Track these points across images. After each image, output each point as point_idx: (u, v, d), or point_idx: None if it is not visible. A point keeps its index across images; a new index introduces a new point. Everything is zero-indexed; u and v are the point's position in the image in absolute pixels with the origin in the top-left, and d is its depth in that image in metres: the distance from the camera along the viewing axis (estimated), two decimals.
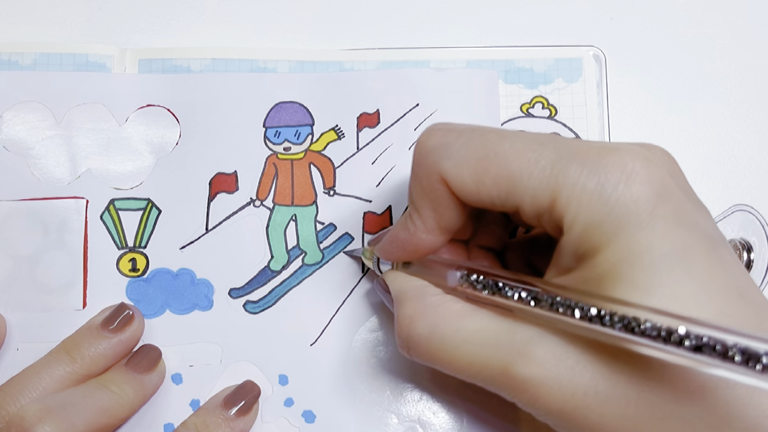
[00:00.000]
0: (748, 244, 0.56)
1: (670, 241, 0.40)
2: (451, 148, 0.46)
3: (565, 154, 0.42)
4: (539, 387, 0.42)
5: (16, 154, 0.59)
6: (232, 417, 0.54)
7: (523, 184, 0.43)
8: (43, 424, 0.48)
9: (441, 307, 0.47)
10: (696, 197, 0.45)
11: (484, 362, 0.44)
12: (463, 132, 0.46)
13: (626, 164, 0.41)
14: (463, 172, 0.45)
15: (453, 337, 0.46)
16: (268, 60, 0.62)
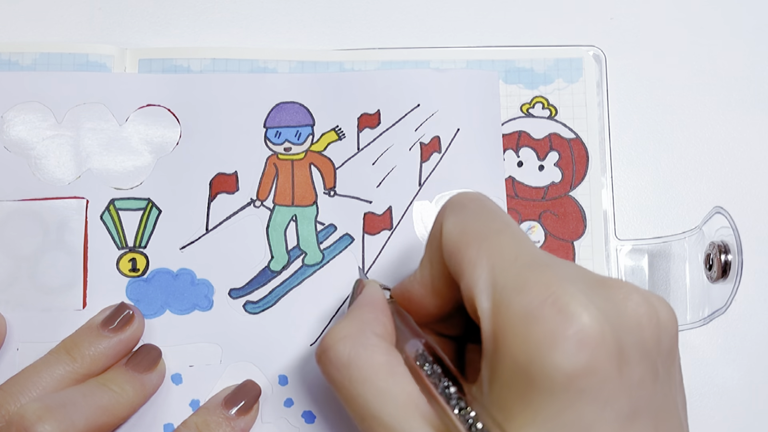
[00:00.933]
0: (726, 246, 0.56)
1: (576, 415, 0.38)
2: (464, 210, 0.46)
3: (524, 283, 0.41)
4: None
5: (17, 155, 0.59)
6: (232, 416, 0.54)
7: (474, 282, 0.43)
8: (43, 423, 0.48)
9: (370, 350, 0.46)
10: (653, 364, 0.42)
11: (376, 416, 0.44)
12: (484, 206, 0.47)
13: (565, 323, 0.39)
14: (454, 231, 0.45)
15: (360, 386, 0.45)
16: (268, 60, 0.62)
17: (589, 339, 0.38)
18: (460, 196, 0.48)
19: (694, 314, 0.59)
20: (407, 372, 0.46)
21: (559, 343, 0.38)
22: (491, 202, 0.48)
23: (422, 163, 0.60)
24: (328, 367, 0.47)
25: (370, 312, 0.49)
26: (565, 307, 0.39)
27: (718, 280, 0.56)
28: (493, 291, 0.41)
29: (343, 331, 0.47)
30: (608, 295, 0.41)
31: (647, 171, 0.63)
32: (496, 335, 0.41)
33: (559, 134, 0.62)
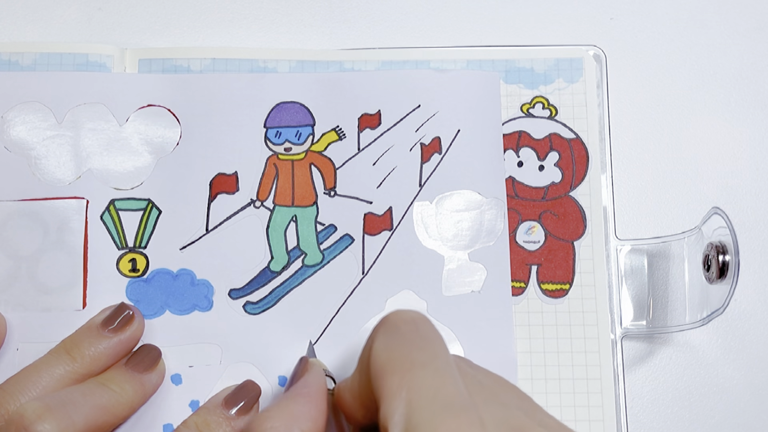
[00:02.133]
0: (723, 246, 0.56)
1: None
2: (394, 333, 0.44)
3: (423, 427, 0.39)
4: None
5: (17, 155, 0.59)
6: (232, 416, 0.53)
7: (392, 420, 0.41)
8: (42, 422, 0.48)
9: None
10: None
11: None
12: (417, 332, 0.45)
13: None
14: (377, 356, 0.44)
15: None
16: (268, 60, 0.62)
17: None
18: (395, 315, 0.46)
19: (693, 315, 0.59)
20: None
21: None
22: (427, 327, 0.46)
23: (422, 164, 0.60)
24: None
25: (304, 405, 0.48)
26: None
27: (716, 281, 0.56)
28: (405, 429, 0.40)
29: (269, 422, 0.46)
30: None
31: (647, 171, 0.63)
32: None
33: (559, 134, 0.62)
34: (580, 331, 0.59)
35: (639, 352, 0.60)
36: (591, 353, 0.58)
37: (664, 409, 0.59)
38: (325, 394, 0.50)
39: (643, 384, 0.60)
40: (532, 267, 0.60)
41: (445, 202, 0.60)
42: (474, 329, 0.58)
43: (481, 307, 0.58)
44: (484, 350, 0.58)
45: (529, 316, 0.59)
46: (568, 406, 0.57)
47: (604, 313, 0.59)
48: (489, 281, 0.59)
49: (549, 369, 0.58)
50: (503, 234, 0.60)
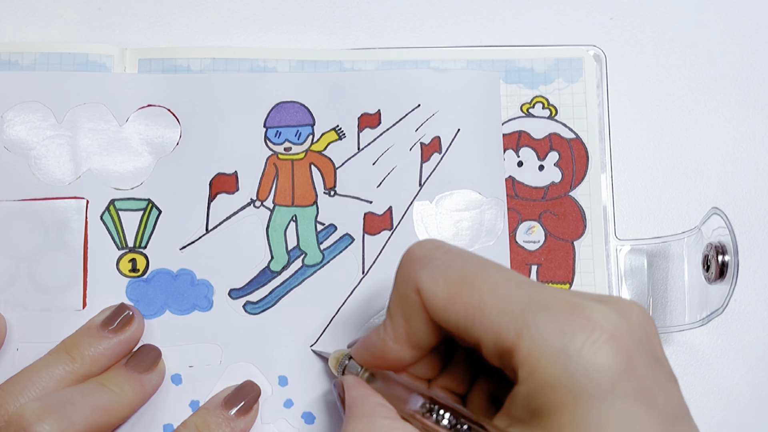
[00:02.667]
0: (723, 246, 0.56)
1: (627, 419, 0.39)
2: (434, 262, 0.46)
3: (537, 303, 0.42)
4: None
5: (17, 155, 0.59)
6: (232, 417, 0.53)
7: (490, 319, 0.42)
8: (42, 423, 0.48)
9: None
10: (665, 365, 0.43)
11: None
12: (450, 251, 0.46)
13: (594, 329, 0.40)
14: (437, 287, 0.45)
15: None
16: (268, 59, 0.62)
17: (622, 343, 0.40)
18: (420, 248, 0.47)
19: (692, 315, 0.59)
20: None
21: (596, 349, 0.39)
22: (452, 245, 0.47)
23: (422, 164, 0.60)
24: None
25: (364, 408, 0.48)
26: (591, 317, 0.40)
27: (716, 281, 0.56)
28: (513, 320, 0.42)
29: (356, 430, 0.47)
30: (615, 307, 0.42)
31: (647, 171, 0.63)
32: (532, 360, 0.41)
33: (559, 134, 0.62)
34: None
35: None
36: None
37: None
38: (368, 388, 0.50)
39: None
40: (532, 267, 0.60)
41: (445, 201, 0.60)
42: None
43: None
44: None
45: None
46: None
47: None
48: None
49: None
50: (503, 234, 0.60)
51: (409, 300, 0.46)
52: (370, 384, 0.50)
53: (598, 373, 0.39)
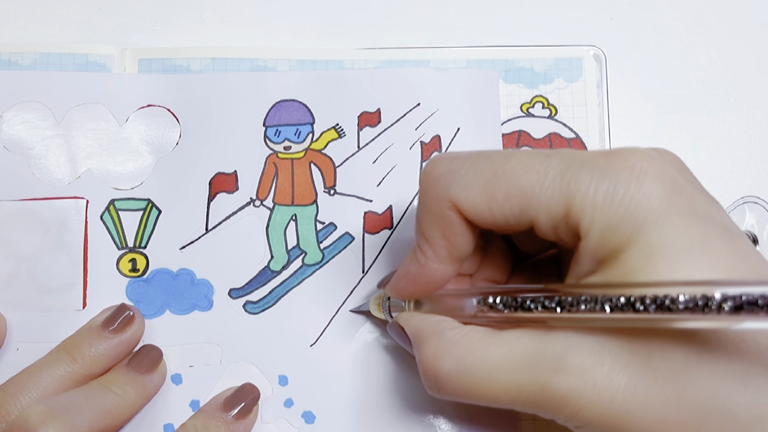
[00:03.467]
0: (754, 235, 0.56)
1: (689, 234, 0.40)
2: (459, 173, 0.46)
3: (573, 162, 0.43)
4: (578, 399, 0.42)
5: (17, 154, 0.59)
6: (231, 420, 0.53)
7: (536, 197, 0.43)
8: (46, 427, 0.48)
9: (463, 339, 0.46)
10: (706, 191, 0.45)
11: (519, 386, 0.44)
12: (469, 157, 0.46)
13: (634, 164, 0.41)
14: (473, 194, 0.45)
15: (482, 368, 0.45)
16: (268, 59, 0.62)
17: (662, 170, 0.42)
18: (438, 166, 0.47)
19: None
20: (504, 333, 0.46)
21: (641, 180, 0.41)
22: (464, 152, 0.48)
23: (422, 162, 0.60)
24: (448, 388, 0.47)
25: (430, 326, 0.49)
26: (627, 157, 0.42)
27: None
28: (555, 188, 0.43)
29: (430, 354, 0.47)
30: (644, 150, 0.44)
31: None
32: (585, 212, 0.42)
33: (559, 134, 0.62)
34: None
35: None
36: None
37: None
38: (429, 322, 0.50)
39: None
40: None
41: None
42: None
43: None
44: None
45: None
46: None
47: None
48: None
49: None
50: None
51: (446, 218, 0.46)
52: (420, 310, 0.50)
53: (649, 200, 0.41)
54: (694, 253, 0.40)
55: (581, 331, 0.43)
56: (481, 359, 0.45)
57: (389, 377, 0.57)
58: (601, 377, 0.41)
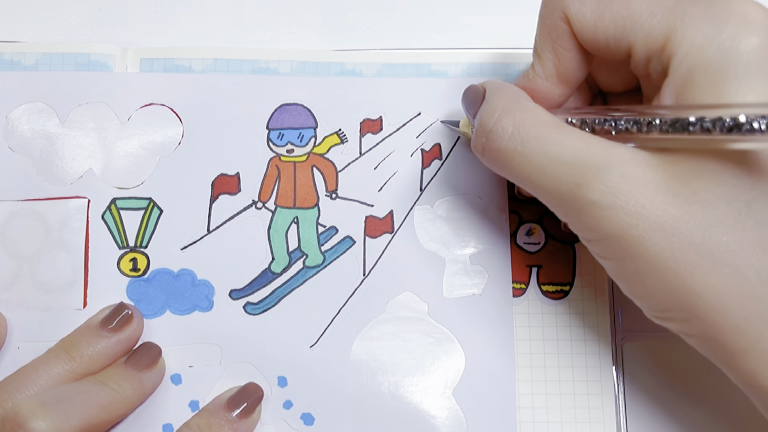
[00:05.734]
0: None
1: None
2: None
3: (681, 6, 0.43)
4: (605, 211, 0.44)
5: (21, 155, 0.60)
6: (234, 418, 0.54)
7: (641, 22, 0.44)
8: (36, 419, 0.48)
9: (532, 111, 0.48)
10: None
11: (555, 175, 0.46)
12: None
13: (748, 16, 0.41)
14: (585, 7, 0.47)
15: (534, 142, 0.46)
16: (269, 60, 0.62)
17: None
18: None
19: None
20: (573, 127, 0.47)
21: (748, 33, 0.41)
22: None
23: (423, 169, 0.60)
24: (495, 143, 0.48)
25: (512, 89, 0.51)
26: (744, 8, 0.42)
27: None
28: (667, 13, 0.44)
29: (498, 107, 0.49)
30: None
31: None
32: (682, 46, 0.43)
33: None
34: (581, 332, 0.59)
35: (639, 353, 0.60)
36: (591, 354, 0.58)
37: (664, 409, 0.59)
38: (515, 89, 0.52)
39: (643, 384, 0.60)
40: (533, 268, 0.60)
41: (445, 206, 0.60)
42: (474, 332, 0.58)
43: (481, 309, 0.59)
44: (485, 352, 0.58)
45: (529, 317, 0.59)
46: (568, 408, 0.58)
47: (605, 315, 0.59)
48: (490, 284, 0.59)
49: (549, 370, 0.58)
50: (504, 237, 0.60)
51: (557, 30, 0.48)
52: None
53: (749, 54, 0.41)
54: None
55: (640, 151, 0.45)
56: (536, 135, 0.46)
57: (389, 380, 0.57)
58: (635, 203, 0.43)
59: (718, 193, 0.42)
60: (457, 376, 0.57)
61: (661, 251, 0.43)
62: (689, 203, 0.42)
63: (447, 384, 0.57)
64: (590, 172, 0.44)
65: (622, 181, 0.43)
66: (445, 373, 0.57)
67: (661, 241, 0.43)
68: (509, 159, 0.47)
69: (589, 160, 0.44)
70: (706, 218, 0.42)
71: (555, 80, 0.50)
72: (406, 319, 0.58)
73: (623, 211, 0.43)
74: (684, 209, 0.42)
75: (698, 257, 0.42)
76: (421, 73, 0.63)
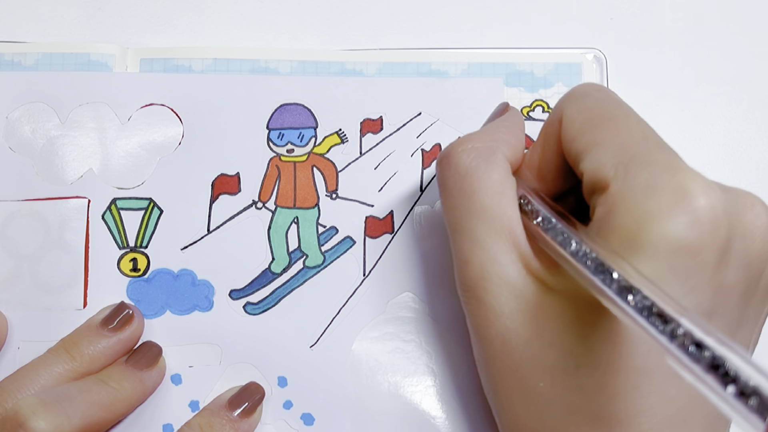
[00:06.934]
0: None
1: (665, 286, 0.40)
2: (585, 99, 0.48)
3: (649, 157, 0.43)
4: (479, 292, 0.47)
5: (22, 155, 0.60)
6: (236, 418, 0.54)
7: (598, 156, 0.44)
8: (37, 418, 0.48)
9: (493, 167, 0.48)
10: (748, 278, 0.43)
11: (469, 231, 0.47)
12: (606, 96, 0.49)
13: (685, 197, 0.40)
14: (576, 119, 0.47)
15: (470, 196, 0.48)
16: (269, 60, 0.62)
17: (702, 222, 0.40)
18: (583, 86, 0.50)
19: None
20: (515, 199, 0.48)
21: (673, 216, 0.40)
22: (614, 92, 0.49)
23: (423, 170, 0.60)
24: (444, 172, 0.49)
25: (506, 134, 0.51)
26: (688, 187, 0.40)
27: None
28: (618, 162, 0.43)
29: (473, 143, 0.49)
30: (732, 195, 0.43)
31: None
32: (612, 201, 0.42)
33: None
34: None
35: None
36: None
37: None
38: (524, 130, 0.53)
39: None
40: None
41: None
42: None
43: None
44: None
45: None
46: None
47: None
48: None
49: None
50: None
51: (552, 127, 0.49)
52: None
53: (661, 240, 0.40)
54: None
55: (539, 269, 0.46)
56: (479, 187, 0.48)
57: (389, 380, 0.57)
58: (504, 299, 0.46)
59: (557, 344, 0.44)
60: (457, 376, 0.57)
61: (501, 363, 0.45)
62: (535, 338, 0.44)
63: (447, 384, 0.57)
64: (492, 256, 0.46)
65: (500, 282, 0.46)
66: (445, 374, 0.57)
67: (504, 356, 0.45)
68: (444, 194, 0.49)
69: (501, 238, 0.46)
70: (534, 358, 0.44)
71: (535, 174, 0.51)
72: (406, 320, 0.58)
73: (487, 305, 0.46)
74: (525, 340, 0.44)
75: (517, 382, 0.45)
76: (422, 73, 0.63)
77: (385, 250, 0.59)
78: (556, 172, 0.50)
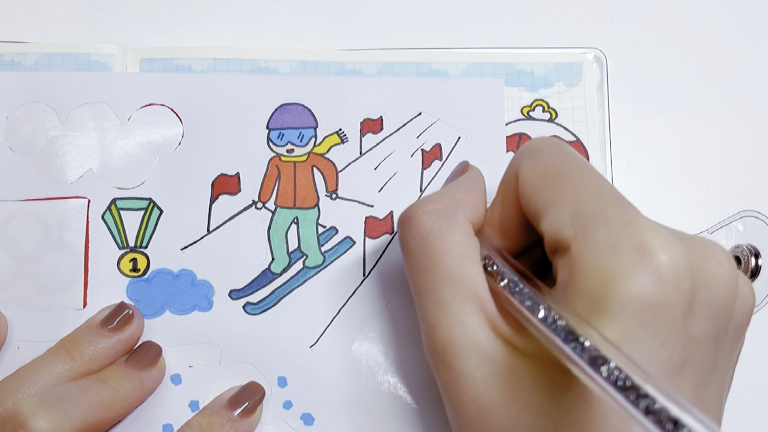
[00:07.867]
0: (756, 249, 0.56)
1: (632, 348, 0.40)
2: (539, 155, 0.48)
3: (606, 216, 0.42)
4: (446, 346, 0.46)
5: (22, 155, 0.60)
6: (236, 418, 0.54)
7: (557, 216, 0.44)
8: (37, 417, 0.48)
9: (455, 229, 0.48)
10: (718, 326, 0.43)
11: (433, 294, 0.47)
12: (560, 150, 0.48)
13: (645, 254, 0.40)
14: (532, 176, 0.47)
15: (432, 258, 0.47)
16: (269, 60, 0.62)
17: (666, 279, 0.40)
18: (535, 141, 0.49)
19: None
20: (479, 260, 0.47)
21: (637, 275, 0.39)
22: (567, 146, 0.49)
23: (423, 170, 0.60)
24: (406, 234, 0.49)
25: (467, 194, 0.50)
26: (648, 243, 0.40)
27: None
28: (577, 222, 0.43)
29: (433, 204, 0.49)
30: (692, 246, 0.42)
31: (647, 172, 0.63)
32: (574, 263, 0.42)
33: (559, 137, 0.62)
34: None
35: None
36: None
37: None
38: (484, 189, 0.52)
39: None
40: None
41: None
42: None
43: None
44: None
45: None
46: None
47: None
48: None
49: None
50: None
51: (509, 185, 0.49)
52: None
53: (627, 299, 0.39)
54: None
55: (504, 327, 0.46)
56: (441, 250, 0.47)
57: (389, 380, 0.57)
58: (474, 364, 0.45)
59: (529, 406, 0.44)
60: None
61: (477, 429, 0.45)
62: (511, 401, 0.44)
63: None
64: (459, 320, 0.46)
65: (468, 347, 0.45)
66: None
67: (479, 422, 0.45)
68: (407, 257, 0.49)
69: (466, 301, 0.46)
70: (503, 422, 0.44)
71: (497, 231, 0.50)
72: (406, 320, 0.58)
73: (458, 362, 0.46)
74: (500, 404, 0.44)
75: None
76: (422, 73, 0.63)
77: (385, 250, 0.59)
78: (518, 229, 0.50)
